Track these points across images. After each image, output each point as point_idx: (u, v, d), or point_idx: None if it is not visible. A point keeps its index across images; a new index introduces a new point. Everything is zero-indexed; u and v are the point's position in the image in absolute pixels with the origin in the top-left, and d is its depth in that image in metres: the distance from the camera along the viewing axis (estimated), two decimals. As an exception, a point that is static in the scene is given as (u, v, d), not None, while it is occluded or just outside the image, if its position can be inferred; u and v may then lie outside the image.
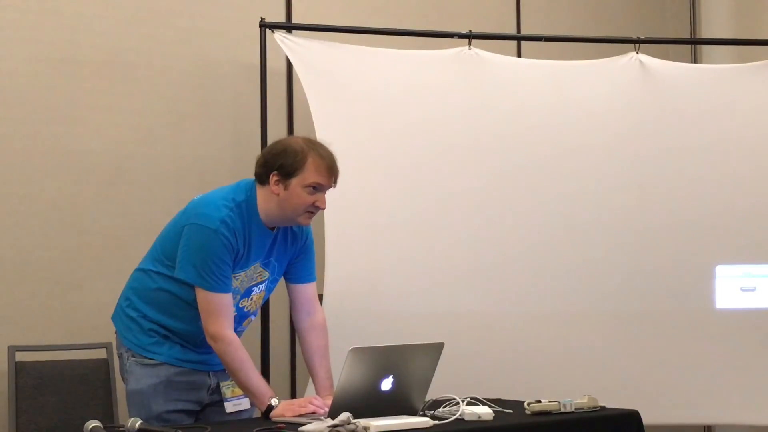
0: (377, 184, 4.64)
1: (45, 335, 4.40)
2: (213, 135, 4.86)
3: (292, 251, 3.35)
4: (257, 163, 3.24)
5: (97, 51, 4.59)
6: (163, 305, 3.24)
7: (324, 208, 3.24)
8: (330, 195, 4.41)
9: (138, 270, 3.37)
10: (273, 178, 3.17)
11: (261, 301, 3.38)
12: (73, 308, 4.50)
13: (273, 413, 3.08)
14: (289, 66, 4.89)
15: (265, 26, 4.65)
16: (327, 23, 4.83)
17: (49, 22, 4.50)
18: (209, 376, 3.29)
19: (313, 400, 3.10)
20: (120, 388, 4.36)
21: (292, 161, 3.15)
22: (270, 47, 4.64)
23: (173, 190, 4.71)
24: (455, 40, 4.83)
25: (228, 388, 3.28)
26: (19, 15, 4.45)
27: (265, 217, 3.21)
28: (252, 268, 3.25)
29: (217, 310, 3.13)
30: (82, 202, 4.55)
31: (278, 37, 4.61)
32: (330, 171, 3.20)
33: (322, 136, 4.47)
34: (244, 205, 3.19)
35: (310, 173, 3.16)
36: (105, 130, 4.61)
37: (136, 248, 4.58)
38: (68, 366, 4.31)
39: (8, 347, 4.25)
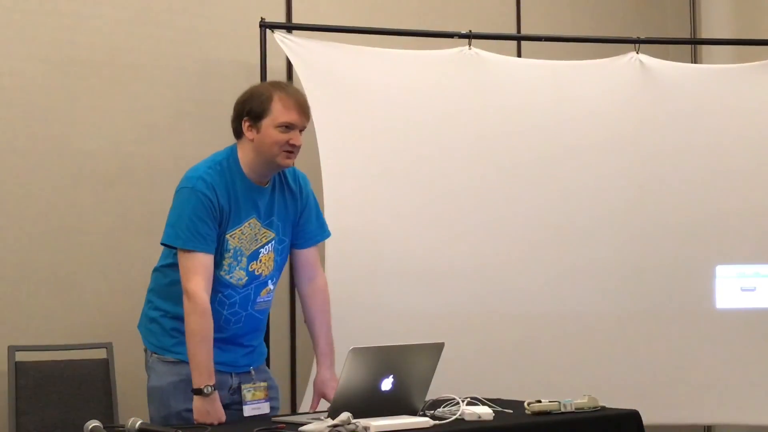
0: (377, 184, 4.64)
1: (45, 335, 4.40)
2: (213, 135, 4.84)
3: (293, 209, 3.34)
4: (231, 119, 3.27)
5: (97, 51, 4.59)
6: (180, 297, 3.18)
7: (298, 145, 3.21)
8: (330, 194, 4.45)
9: (153, 271, 3.38)
10: (245, 125, 3.20)
11: (272, 264, 3.32)
12: (73, 308, 4.50)
13: (194, 405, 3.06)
14: (289, 66, 4.89)
15: (265, 26, 4.65)
16: (327, 23, 4.83)
17: (49, 22, 4.50)
18: (231, 376, 3.27)
19: (222, 418, 3.09)
20: (120, 388, 4.38)
21: (258, 103, 3.18)
22: (270, 47, 4.64)
23: (173, 190, 4.69)
24: (455, 40, 4.83)
25: (249, 392, 3.26)
26: (19, 15, 4.45)
27: (248, 170, 3.22)
28: (247, 224, 3.22)
29: (194, 268, 3.10)
30: (82, 202, 4.55)
31: (278, 37, 4.61)
32: (299, 107, 3.20)
33: (321, 135, 4.48)
34: (224, 162, 3.21)
35: (279, 112, 3.17)
36: (105, 130, 4.61)
37: (136, 248, 4.61)
38: (68, 366, 4.31)
39: (8, 347, 4.25)
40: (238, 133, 3.24)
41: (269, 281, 3.34)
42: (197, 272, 3.10)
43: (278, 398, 3.40)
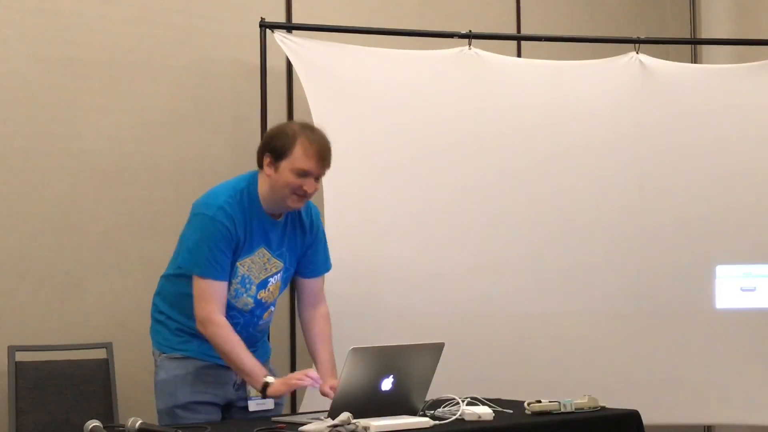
0: (377, 184, 4.64)
1: (45, 335, 4.40)
2: (213, 135, 4.86)
3: (302, 242, 3.39)
4: (258, 148, 3.30)
5: (97, 51, 4.59)
6: (185, 308, 3.28)
7: (311, 192, 3.24)
8: (329, 194, 4.45)
9: (162, 277, 3.43)
10: (266, 160, 3.23)
11: (278, 292, 3.40)
12: (73, 308, 4.50)
13: (270, 390, 3.11)
14: (289, 66, 4.89)
15: (265, 26, 4.65)
16: (327, 23, 4.83)
17: (49, 22, 4.50)
18: (235, 373, 3.31)
19: (309, 372, 3.12)
20: (120, 388, 4.38)
21: (282, 143, 3.20)
22: (270, 47, 4.64)
23: (173, 190, 4.72)
24: (455, 40, 4.83)
25: (253, 387, 3.29)
26: (19, 15, 4.45)
27: (264, 202, 3.26)
28: (257, 253, 3.27)
29: (209, 296, 3.17)
30: (82, 202, 4.55)
31: (278, 37, 4.61)
32: (318, 157, 3.21)
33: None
34: (245, 191, 3.24)
35: (297, 158, 3.19)
36: (105, 130, 4.61)
37: (136, 248, 4.61)
38: (68, 366, 4.31)
39: (8, 347, 4.25)
40: (259, 163, 3.27)
41: (272, 306, 3.43)
42: (212, 300, 3.18)
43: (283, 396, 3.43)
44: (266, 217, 3.27)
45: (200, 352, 3.27)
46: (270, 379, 3.14)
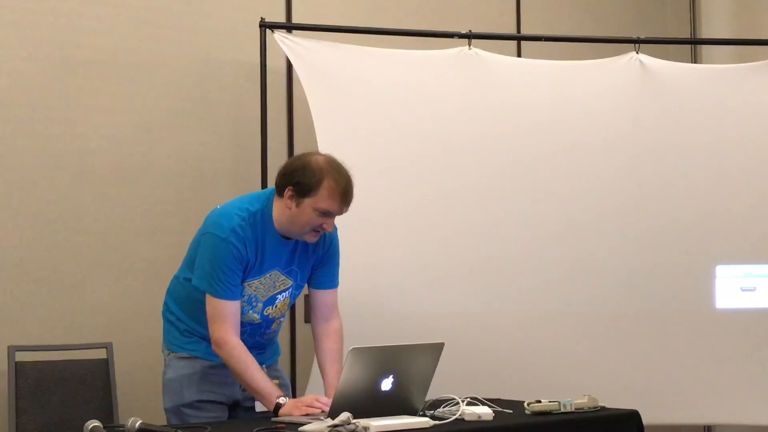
0: (377, 184, 4.63)
1: (45, 335, 4.40)
2: (213, 134, 4.86)
3: (315, 258, 3.39)
4: (278, 173, 3.27)
5: (97, 51, 4.59)
6: (195, 313, 3.31)
7: (330, 231, 3.25)
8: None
9: (174, 277, 3.45)
10: (287, 193, 3.21)
11: (286, 307, 3.42)
12: (73, 308, 4.50)
13: (281, 412, 3.12)
14: (289, 66, 4.89)
15: (265, 26, 4.65)
16: (327, 23, 4.83)
17: (49, 22, 4.50)
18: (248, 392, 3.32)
19: (320, 398, 3.12)
20: (120, 388, 4.38)
21: (308, 181, 3.18)
22: (270, 47, 4.64)
23: (173, 190, 4.72)
24: (455, 40, 4.84)
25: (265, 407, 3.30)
26: (19, 15, 4.45)
27: (278, 227, 3.25)
28: (268, 276, 3.28)
29: (222, 316, 3.19)
30: (82, 202, 4.55)
31: (278, 37, 4.61)
32: (343, 198, 3.21)
33: (321, 135, 4.48)
34: (258, 214, 3.23)
35: (322, 198, 3.18)
36: (105, 130, 4.61)
37: (136, 248, 4.62)
38: (68, 366, 4.31)
39: (8, 347, 4.25)
40: (279, 191, 3.24)
41: (281, 319, 3.44)
42: (226, 321, 3.19)
43: (289, 395, 3.43)
44: (279, 238, 3.27)
45: (208, 353, 3.29)
46: (282, 400, 3.15)
